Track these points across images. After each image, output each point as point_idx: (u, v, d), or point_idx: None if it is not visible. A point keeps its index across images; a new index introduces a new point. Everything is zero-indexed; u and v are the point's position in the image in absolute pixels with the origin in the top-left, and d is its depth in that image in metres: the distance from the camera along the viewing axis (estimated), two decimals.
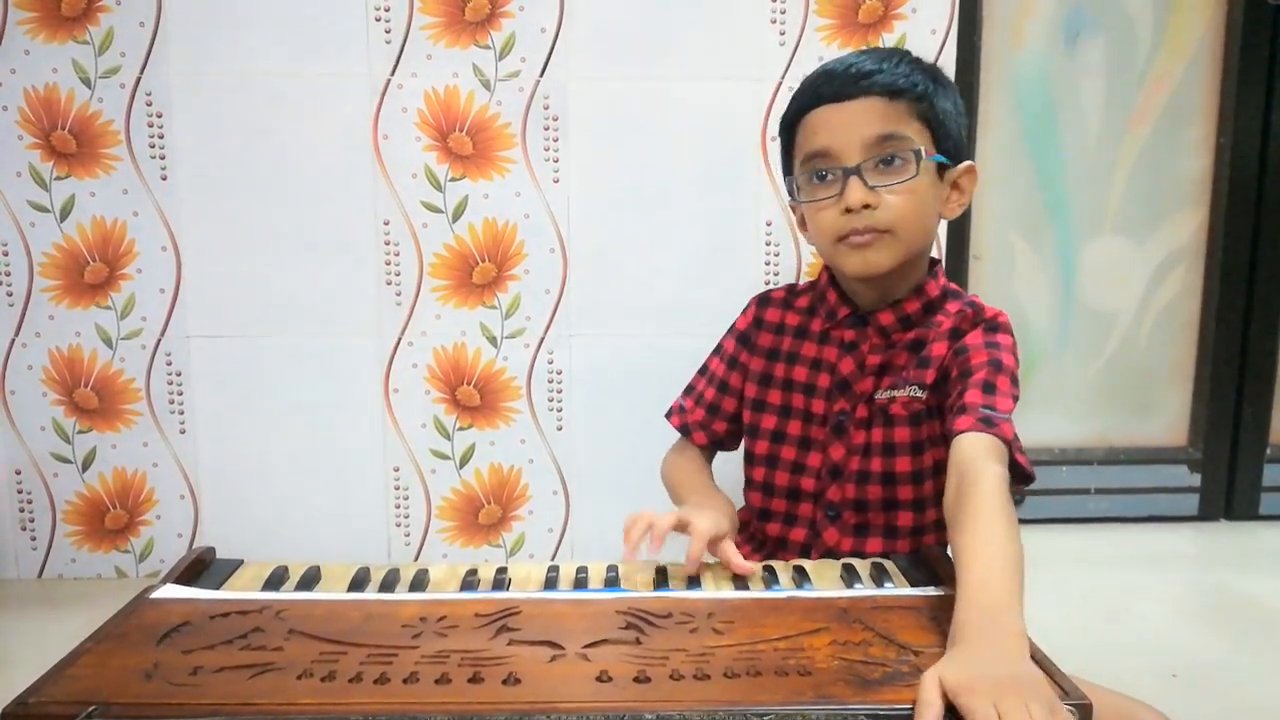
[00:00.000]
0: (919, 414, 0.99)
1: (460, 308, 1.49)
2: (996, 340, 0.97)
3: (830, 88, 0.98)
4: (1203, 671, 1.27)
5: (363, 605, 0.79)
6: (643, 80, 1.44)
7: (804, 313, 1.09)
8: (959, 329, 0.99)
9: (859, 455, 1.02)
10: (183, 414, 1.49)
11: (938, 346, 0.99)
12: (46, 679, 0.67)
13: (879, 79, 0.96)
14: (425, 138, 1.44)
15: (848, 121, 0.96)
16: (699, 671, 0.67)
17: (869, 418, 1.01)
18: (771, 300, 1.12)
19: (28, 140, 1.41)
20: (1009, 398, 0.92)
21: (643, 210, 1.47)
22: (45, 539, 1.52)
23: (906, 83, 0.97)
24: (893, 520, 1.02)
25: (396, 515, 1.54)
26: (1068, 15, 1.67)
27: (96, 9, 1.38)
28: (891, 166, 0.96)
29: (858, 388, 1.02)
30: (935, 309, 1.02)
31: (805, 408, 1.05)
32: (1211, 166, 1.73)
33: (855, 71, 0.97)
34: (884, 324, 1.02)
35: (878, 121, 0.96)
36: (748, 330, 1.13)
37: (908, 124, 0.97)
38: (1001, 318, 1.00)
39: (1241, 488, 1.79)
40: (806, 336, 1.07)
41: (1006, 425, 0.89)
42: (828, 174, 0.97)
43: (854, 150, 0.96)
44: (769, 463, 1.07)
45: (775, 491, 1.07)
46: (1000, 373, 0.93)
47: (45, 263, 1.45)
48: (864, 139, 0.96)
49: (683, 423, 1.16)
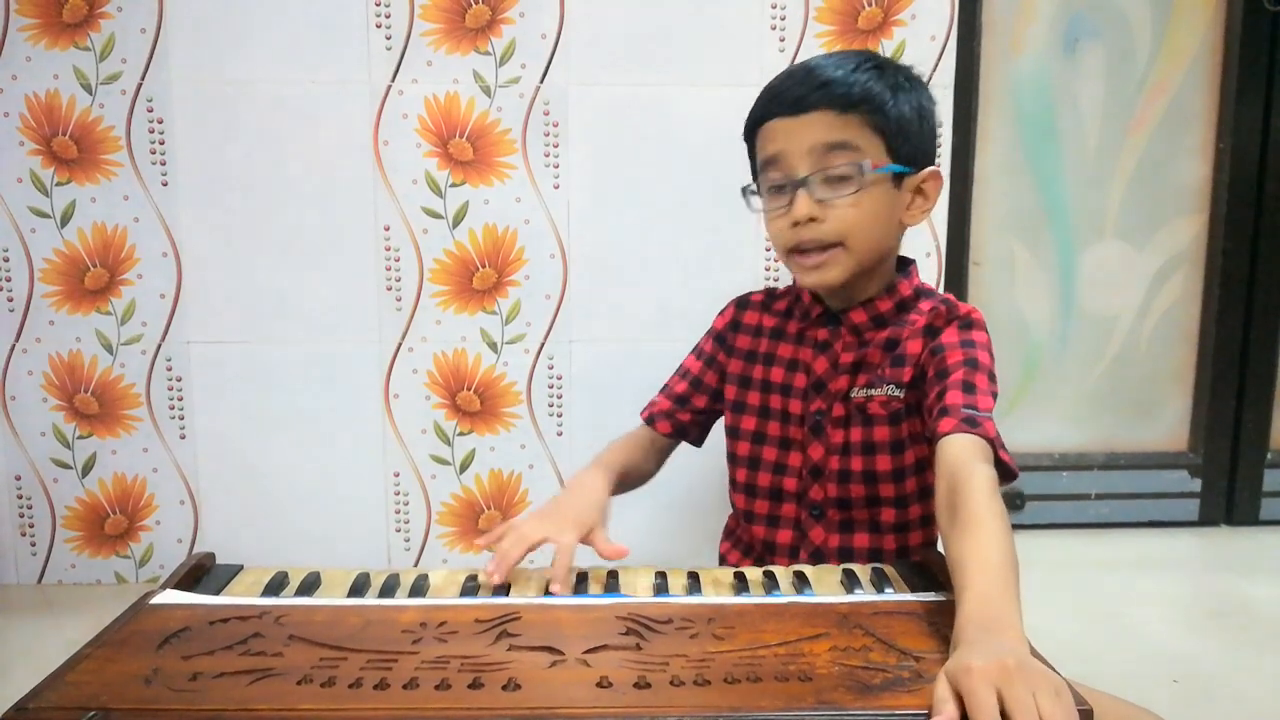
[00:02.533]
0: (898, 412, 1.00)
1: (460, 313, 1.49)
2: (972, 338, 0.97)
3: (780, 103, 0.97)
4: (1203, 677, 1.27)
5: (363, 610, 0.79)
6: (643, 86, 1.44)
7: (781, 315, 1.10)
8: (933, 326, 1.00)
9: (838, 454, 1.02)
10: (183, 420, 1.49)
11: (912, 344, 1.00)
12: (46, 684, 0.67)
13: (832, 90, 0.95)
14: (426, 144, 1.44)
15: (798, 132, 0.96)
16: (699, 677, 0.66)
17: (846, 416, 1.02)
18: (750, 303, 1.13)
19: (29, 146, 1.41)
20: (989, 395, 0.92)
21: (643, 216, 1.48)
22: (45, 544, 1.52)
23: (860, 93, 0.95)
24: (876, 516, 1.03)
25: (396, 520, 1.54)
26: (1067, 22, 1.67)
27: (98, 15, 1.39)
28: (839, 179, 0.96)
29: (832, 386, 1.02)
30: (908, 307, 1.02)
31: (783, 408, 1.06)
32: (1211, 172, 1.73)
33: (809, 83, 0.96)
34: (857, 322, 1.02)
35: (824, 133, 0.95)
36: (724, 331, 1.14)
37: (859, 134, 0.96)
38: (975, 314, 1.00)
39: (1242, 493, 1.79)
40: (783, 338, 1.08)
41: (989, 424, 0.89)
42: (783, 185, 0.98)
43: (802, 161, 0.96)
44: (751, 464, 1.08)
45: (758, 492, 1.07)
46: (978, 371, 0.93)
47: (46, 268, 1.45)
48: (812, 149, 0.95)
49: (650, 414, 1.17)
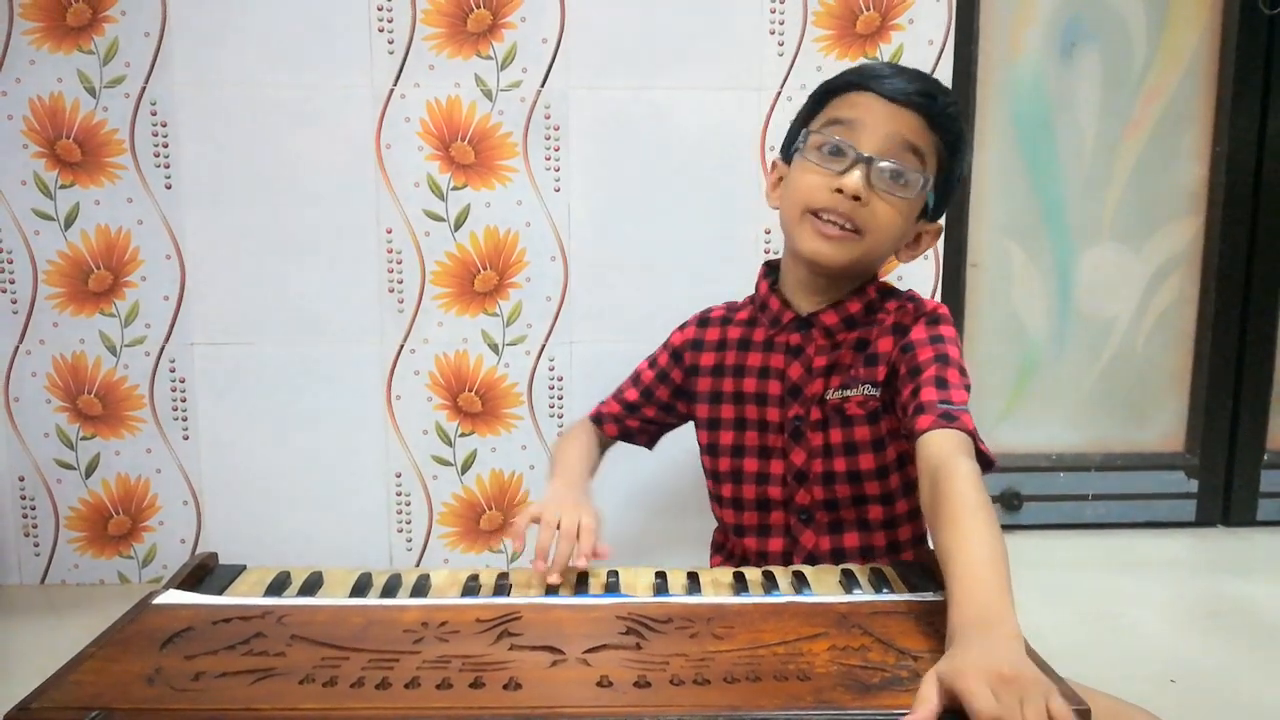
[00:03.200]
0: (875, 411, 1.00)
1: (462, 315, 1.49)
2: (940, 333, 0.98)
3: (886, 84, 0.98)
4: (1200, 677, 1.27)
5: (365, 610, 0.80)
6: (643, 90, 1.45)
7: (745, 324, 1.09)
8: (901, 324, 1.01)
9: (820, 457, 1.02)
10: (186, 421, 1.50)
11: (883, 343, 1.01)
12: (49, 684, 0.67)
13: (929, 102, 0.98)
14: (427, 147, 1.45)
15: (885, 116, 0.97)
16: (699, 676, 0.67)
17: (824, 419, 1.02)
18: (711, 320, 1.13)
19: (33, 149, 1.42)
20: (962, 389, 0.93)
21: (643, 218, 1.48)
22: (48, 545, 1.52)
23: (948, 121, 0.99)
24: (864, 514, 1.03)
25: (398, 521, 1.54)
26: (1064, 25, 1.68)
27: (101, 19, 1.40)
28: (898, 178, 0.97)
29: (808, 390, 1.03)
30: (876, 308, 1.03)
31: (760, 417, 1.06)
32: (1207, 174, 1.74)
33: (912, 85, 0.98)
34: (828, 325, 1.03)
35: (911, 132, 0.97)
36: (682, 349, 1.13)
37: (930, 151, 0.99)
38: (941, 309, 1.02)
39: (1238, 493, 1.79)
40: (751, 347, 1.08)
41: (966, 416, 0.90)
42: (842, 149, 0.97)
43: (877, 142, 0.96)
44: (734, 478, 1.07)
45: (745, 505, 1.07)
46: (949, 366, 0.94)
47: (50, 270, 1.45)
48: (891, 137, 0.96)
49: (597, 413, 1.18)
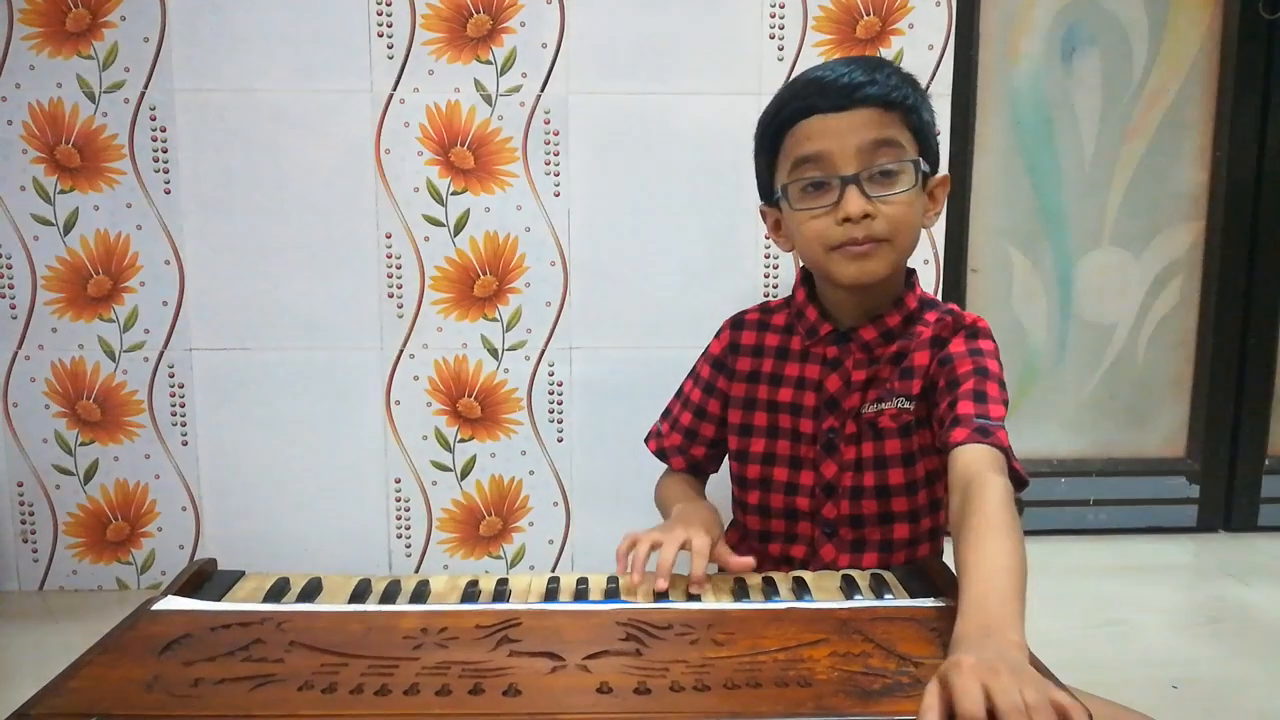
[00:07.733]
0: (908, 425, 0.99)
1: (461, 320, 1.49)
2: (979, 347, 0.97)
3: (825, 99, 0.96)
4: (1202, 683, 1.27)
5: (364, 617, 0.79)
6: (643, 94, 1.45)
7: (782, 331, 1.08)
8: (940, 337, 0.99)
9: (851, 471, 1.01)
10: (185, 426, 1.50)
11: (920, 356, 0.99)
12: (47, 690, 0.67)
13: (872, 90, 0.95)
14: (427, 152, 1.45)
15: (844, 130, 0.95)
16: (699, 683, 0.67)
17: (858, 433, 1.01)
18: (746, 323, 1.10)
19: (32, 154, 1.42)
20: (1000, 404, 0.92)
21: (643, 223, 1.48)
22: (47, 551, 1.52)
23: (898, 94, 0.96)
24: (889, 534, 1.02)
25: (397, 527, 1.54)
26: (1064, 30, 1.68)
27: (101, 24, 1.40)
28: (889, 177, 0.95)
29: (845, 404, 1.02)
30: (915, 320, 1.02)
31: (793, 427, 1.04)
32: (1208, 179, 1.74)
33: (848, 82, 0.96)
34: (867, 339, 1.01)
35: (872, 129, 0.95)
36: (722, 355, 1.11)
37: (900, 132, 0.96)
38: (981, 323, 1.00)
39: (1240, 499, 1.79)
40: (788, 356, 1.06)
41: (1002, 433, 0.89)
42: (823, 182, 0.96)
43: (850, 159, 0.94)
44: (762, 485, 1.06)
45: (772, 513, 1.06)
46: (989, 380, 0.93)
47: (49, 276, 1.45)
48: (860, 146, 0.94)
49: (659, 447, 1.15)
